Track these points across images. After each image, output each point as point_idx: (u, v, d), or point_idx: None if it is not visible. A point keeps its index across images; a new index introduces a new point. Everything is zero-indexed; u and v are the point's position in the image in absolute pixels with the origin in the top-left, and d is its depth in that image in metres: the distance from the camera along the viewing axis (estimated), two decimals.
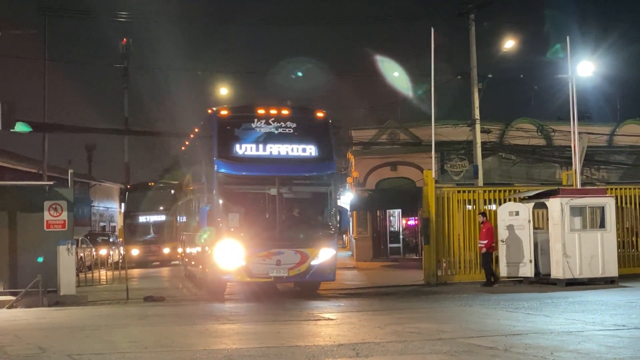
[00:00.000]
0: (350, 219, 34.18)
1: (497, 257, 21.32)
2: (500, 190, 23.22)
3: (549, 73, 31.16)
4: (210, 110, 19.57)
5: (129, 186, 43.80)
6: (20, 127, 23.19)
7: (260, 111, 18.48)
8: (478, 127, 28.75)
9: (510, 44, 29.79)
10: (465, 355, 9.56)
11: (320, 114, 19.11)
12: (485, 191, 23.46)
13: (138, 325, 13.67)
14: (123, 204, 41.25)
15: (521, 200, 21.53)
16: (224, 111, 18.74)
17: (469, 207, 22.76)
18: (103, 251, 29.86)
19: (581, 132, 24.51)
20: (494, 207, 22.39)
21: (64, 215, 18.54)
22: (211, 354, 9.86)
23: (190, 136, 24.46)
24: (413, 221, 39.18)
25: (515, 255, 20.67)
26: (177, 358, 9.77)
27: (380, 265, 32.89)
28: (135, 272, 31.01)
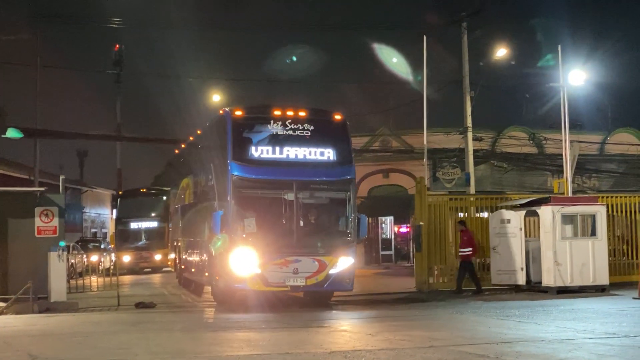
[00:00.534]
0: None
1: (489, 265, 21.37)
2: (491, 198, 23.28)
3: (540, 81, 31.28)
4: (222, 110, 18.69)
5: (120, 192, 43.74)
6: (12, 133, 23.18)
7: (277, 112, 17.77)
8: (470, 135, 28.80)
9: (502, 52, 29.85)
10: None
11: (337, 116, 18.45)
12: (476, 199, 23.51)
13: (129, 332, 13.63)
14: (115, 210, 41.17)
15: (513, 208, 21.57)
16: (238, 112, 17.87)
17: (461, 215, 22.81)
18: (94, 257, 29.80)
19: (572, 141, 24.60)
20: (485, 215, 22.43)
21: (55, 222, 18.48)
22: None
23: (190, 138, 23.92)
24: (405, 228, 39.21)
25: (506, 263, 20.69)
26: None
27: (372, 272, 32.88)
28: (127, 279, 30.92)
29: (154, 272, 37.08)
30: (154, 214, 38.49)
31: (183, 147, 25.76)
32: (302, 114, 17.89)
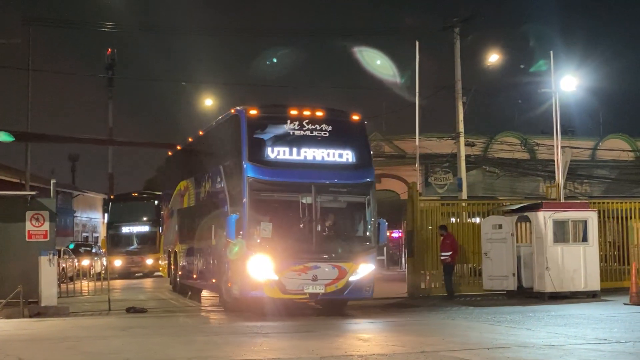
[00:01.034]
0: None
1: (480, 270, 21.38)
2: (483, 204, 23.30)
3: (533, 87, 31.36)
4: (234, 109, 17.82)
5: (112, 196, 43.66)
6: (3, 137, 23.09)
7: (293, 112, 17.03)
8: (462, 140, 28.83)
9: (494, 57, 29.95)
10: None
11: (355, 117, 17.74)
12: (468, 204, 23.53)
13: (120, 336, 13.58)
14: (106, 215, 41.08)
15: (504, 213, 21.59)
16: (253, 110, 16.99)
17: (453, 220, 22.82)
18: (85, 262, 29.71)
19: (564, 146, 24.67)
20: (477, 220, 22.44)
21: (46, 226, 18.44)
22: None
23: (189, 140, 23.41)
24: (397, 234, 39.23)
25: (498, 269, 20.70)
26: None
27: None
28: (118, 283, 30.85)
29: (145, 277, 37.02)
30: (145, 219, 38.42)
31: (178, 150, 25.19)
32: (319, 113, 17.22)
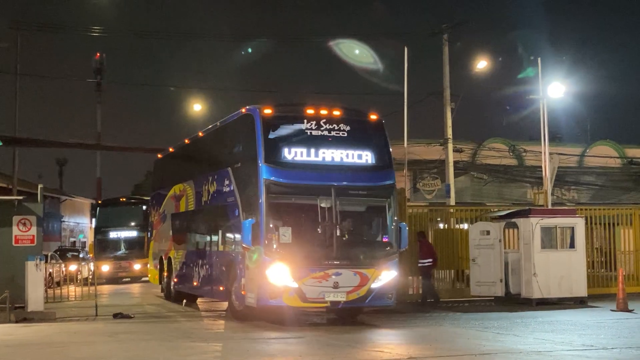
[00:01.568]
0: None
1: (468, 276, 21.42)
2: (471, 210, 23.35)
3: (521, 93, 31.48)
4: (245, 109, 17.03)
5: (100, 201, 43.51)
6: None
7: (309, 111, 16.27)
8: (450, 146, 28.90)
9: (483, 64, 30.05)
10: None
11: (374, 116, 17.12)
12: (456, 210, 23.56)
13: (106, 342, 13.54)
14: (94, 219, 40.93)
15: (492, 219, 21.64)
16: (267, 110, 16.21)
17: (441, 226, 22.84)
18: (73, 267, 29.57)
19: (552, 153, 24.75)
20: (465, 226, 22.48)
21: (33, 230, 18.35)
22: None
23: (185, 142, 22.71)
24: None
25: (485, 275, 20.72)
26: None
27: None
28: (105, 289, 30.72)
29: (133, 282, 36.90)
30: (133, 224, 38.29)
31: (171, 152, 24.46)
32: (337, 112, 16.49)
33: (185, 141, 22.74)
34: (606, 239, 23.41)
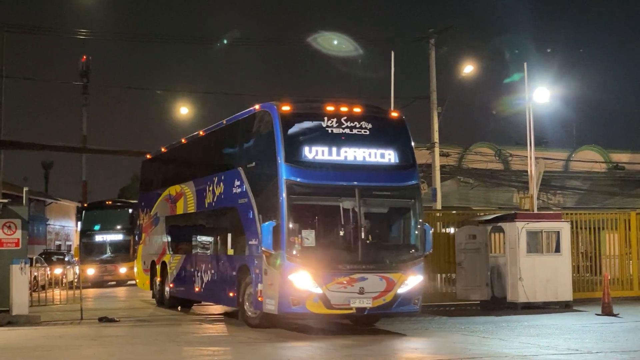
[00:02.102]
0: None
1: (454, 280, 21.44)
2: (457, 214, 23.38)
3: (507, 98, 31.61)
4: (259, 105, 16.37)
5: (85, 205, 43.37)
6: None
7: (329, 108, 15.57)
8: (437, 151, 28.97)
9: (469, 69, 30.12)
10: None
11: (395, 114, 16.81)
12: (442, 214, 23.60)
13: (92, 346, 13.49)
14: (79, 223, 40.80)
15: (478, 223, 21.68)
16: (285, 106, 15.49)
17: None
18: (58, 270, 29.44)
19: (538, 157, 24.83)
20: (451, 230, 22.51)
21: (18, 234, 18.26)
22: None
23: (182, 142, 21.81)
24: None
25: (471, 279, 20.75)
26: None
27: None
28: (91, 292, 30.60)
29: (118, 286, 36.80)
30: (119, 227, 38.20)
31: (164, 153, 23.50)
32: (357, 110, 15.83)
33: (182, 140, 21.93)
34: (591, 243, 23.48)
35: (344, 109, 15.63)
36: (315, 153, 15.14)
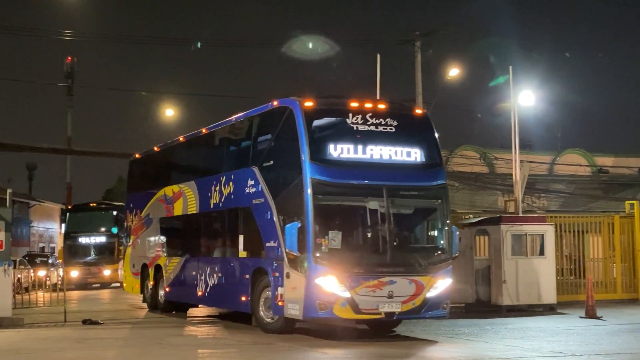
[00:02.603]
0: None
1: None
2: None
3: (492, 101, 31.73)
4: (277, 101, 15.67)
5: (69, 207, 43.21)
6: None
7: (354, 104, 14.92)
8: None
9: (455, 72, 30.20)
10: None
11: (419, 111, 16.45)
12: None
13: (75, 348, 13.42)
14: (63, 225, 40.64)
15: (463, 226, 21.71)
16: (308, 102, 14.77)
17: None
18: (41, 272, 29.29)
19: (523, 161, 24.89)
20: None
21: (1, 236, 18.09)
22: None
23: (180, 139, 21.05)
24: None
25: (456, 281, 20.73)
26: None
27: None
28: (75, 295, 30.44)
29: (102, 288, 36.63)
30: (103, 229, 38.07)
31: (158, 152, 22.56)
32: (382, 106, 15.28)
33: (180, 139, 21.09)
34: (575, 246, 23.58)
35: (368, 105, 15.12)
36: (340, 151, 14.55)
